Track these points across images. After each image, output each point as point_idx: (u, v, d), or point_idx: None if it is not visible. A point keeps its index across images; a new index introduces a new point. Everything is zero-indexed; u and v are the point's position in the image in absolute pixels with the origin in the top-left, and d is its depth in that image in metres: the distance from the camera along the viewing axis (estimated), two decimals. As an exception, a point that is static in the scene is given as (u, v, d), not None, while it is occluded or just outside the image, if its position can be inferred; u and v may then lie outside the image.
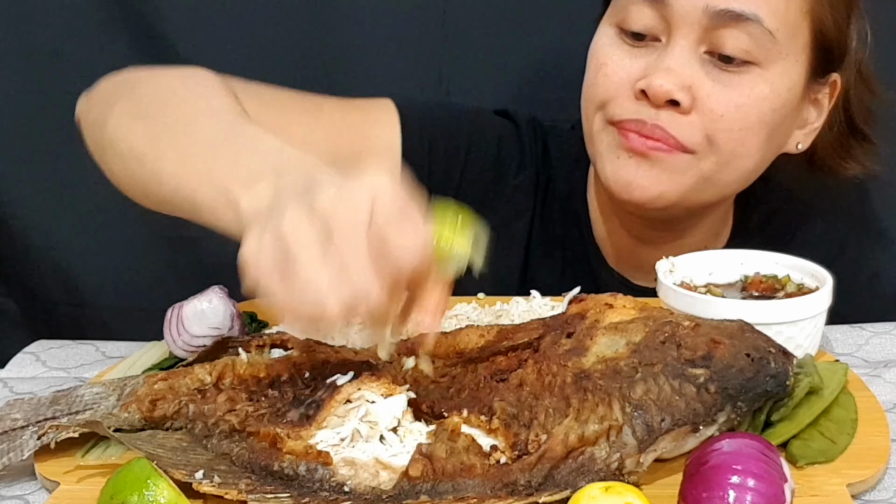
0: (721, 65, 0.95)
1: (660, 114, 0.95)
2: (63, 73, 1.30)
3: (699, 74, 0.95)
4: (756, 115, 0.96)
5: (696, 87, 0.95)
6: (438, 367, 0.80)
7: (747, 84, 0.95)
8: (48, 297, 1.37)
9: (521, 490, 0.68)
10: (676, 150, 0.96)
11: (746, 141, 0.97)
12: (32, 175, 1.33)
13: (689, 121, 0.96)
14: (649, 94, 0.95)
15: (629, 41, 0.98)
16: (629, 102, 0.97)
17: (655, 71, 0.95)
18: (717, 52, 0.95)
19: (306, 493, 0.69)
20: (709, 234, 1.10)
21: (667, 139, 0.96)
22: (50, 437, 0.76)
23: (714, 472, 0.65)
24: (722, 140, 0.96)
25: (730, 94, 0.95)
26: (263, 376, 0.80)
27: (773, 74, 0.96)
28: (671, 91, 0.94)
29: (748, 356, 0.74)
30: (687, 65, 0.95)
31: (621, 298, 0.83)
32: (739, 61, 0.95)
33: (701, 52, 0.96)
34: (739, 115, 0.96)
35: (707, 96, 0.95)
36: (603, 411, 0.70)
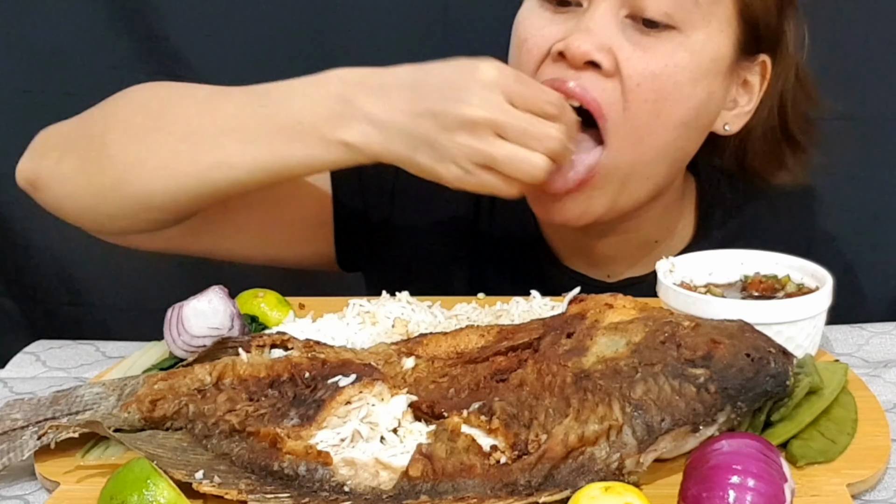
0: (642, 28, 0.93)
1: (581, 75, 0.93)
2: (63, 73, 1.30)
3: (618, 37, 0.93)
4: (673, 85, 0.94)
5: (615, 48, 0.93)
6: (438, 367, 0.80)
7: (667, 50, 0.93)
8: (48, 297, 1.37)
9: (521, 490, 0.68)
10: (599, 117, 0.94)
11: (663, 112, 0.94)
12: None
13: (611, 85, 0.93)
14: (567, 55, 0.93)
15: (551, 8, 0.97)
16: (549, 67, 0.96)
17: (574, 32, 0.93)
18: (639, 15, 0.93)
19: (306, 493, 0.69)
20: (658, 227, 1.08)
21: (590, 102, 0.93)
22: (50, 437, 0.76)
23: (714, 472, 0.65)
24: (638, 110, 0.94)
25: (648, 60, 0.93)
26: (263, 376, 0.80)
27: (695, 42, 0.94)
28: (589, 52, 0.92)
29: (748, 356, 0.74)
30: (606, 27, 0.93)
31: (621, 299, 0.83)
32: (662, 25, 0.93)
33: (622, 15, 0.94)
34: (657, 84, 0.93)
35: (626, 60, 0.93)
36: (603, 411, 0.70)
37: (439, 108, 0.87)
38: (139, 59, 1.29)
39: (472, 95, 0.86)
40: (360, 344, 0.89)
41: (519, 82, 0.89)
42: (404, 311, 0.95)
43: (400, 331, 0.92)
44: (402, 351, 0.83)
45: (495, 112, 0.86)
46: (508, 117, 0.86)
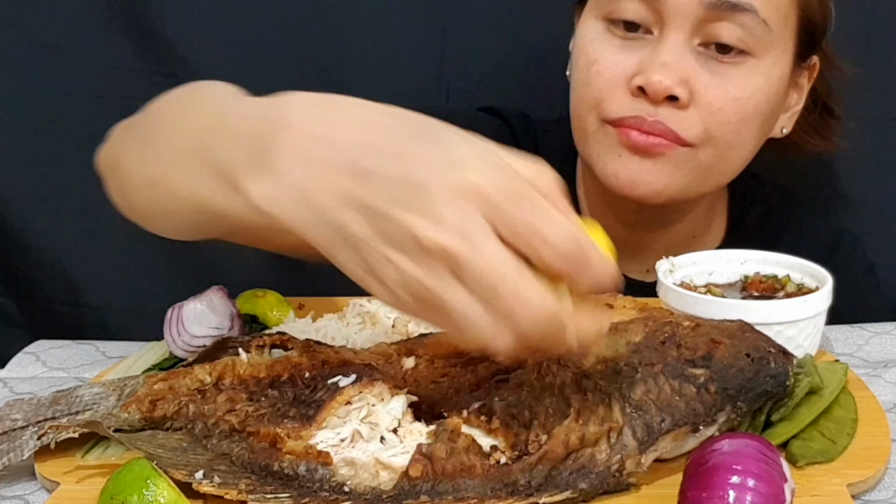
0: (717, 56, 0.95)
1: (658, 110, 0.94)
2: (63, 73, 1.30)
3: (695, 67, 0.94)
4: (752, 107, 0.96)
5: (692, 80, 0.94)
6: (438, 367, 0.80)
7: (743, 76, 0.95)
8: (48, 297, 1.37)
9: (521, 490, 0.68)
10: (676, 144, 0.96)
11: (743, 131, 0.97)
12: (32, 175, 1.33)
13: (687, 115, 0.95)
14: (647, 91, 0.94)
15: (620, 34, 0.97)
16: (626, 100, 0.96)
17: (651, 66, 0.93)
18: (713, 41, 0.94)
19: (306, 494, 0.69)
20: (699, 222, 1.10)
21: (667, 134, 0.95)
22: (50, 437, 0.76)
23: (714, 472, 0.65)
24: (720, 132, 0.96)
25: (727, 87, 0.95)
26: (263, 376, 0.80)
27: (767, 64, 0.96)
28: (670, 87, 0.93)
29: (748, 356, 0.74)
30: (683, 58, 0.94)
31: (621, 299, 0.83)
32: (735, 52, 0.94)
33: (695, 44, 0.95)
34: (737, 108, 0.95)
35: (704, 89, 0.94)
36: (603, 412, 0.70)
37: (382, 210, 0.58)
38: (139, 59, 1.29)
39: (435, 206, 0.57)
40: (360, 344, 0.89)
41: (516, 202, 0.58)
42: (404, 311, 0.95)
43: (400, 331, 0.92)
44: (402, 351, 0.83)
45: (460, 244, 0.57)
46: (478, 259, 0.57)
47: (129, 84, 1.30)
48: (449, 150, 0.60)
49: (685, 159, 0.97)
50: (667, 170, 0.97)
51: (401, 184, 0.58)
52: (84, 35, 1.28)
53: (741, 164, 1.02)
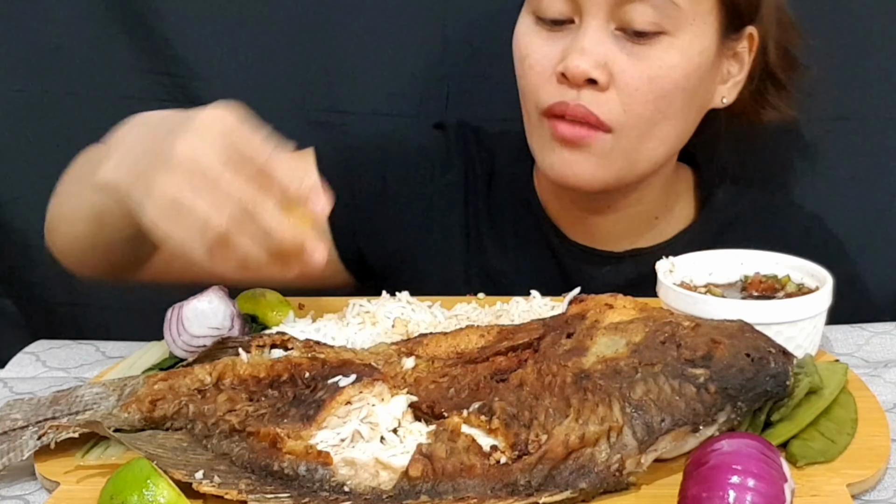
0: (633, 38, 0.99)
1: (580, 94, 0.99)
2: (63, 73, 1.30)
3: (613, 51, 0.99)
4: (670, 83, 1.00)
5: (610, 63, 0.98)
6: (438, 367, 0.80)
7: (658, 55, 0.99)
8: (48, 297, 1.37)
9: (521, 490, 0.68)
10: (599, 129, 1.00)
11: (663, 108, 1.01)
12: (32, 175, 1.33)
13: (607, 98, 0.99)
14: (568, 76, 0.99)
15: (546, 27, 1.02)
16: (552, 87, 1.01)
17: (571, 53, 0.98)
18: (627, 27, 0.98)
19: (306, 493, 0.69)
20: (658, 203, 1.13)
21: (589, 117, 0.99)
22: (50, 437, 0.76)
23: (714, 472, 0.65)
24: (639, 111, 1.00)
25: (643, 67, 0.99)
26: (263, 376, 0.80)
27: (684, 41, 1.00)
28: (587, 70, 0.97)
29: (748, 356, 0.74)
30: (600, 43, 0.98)
31: (621, 299, 0.83)
32: (650, 34, 0.98)
33: (612, 28, 0.99)
34: (653, 86, 0.99)
35: (622, 71, 0.99)
36: (603, 412, 0.70)
37: (158, 144, 0.78)
38: (139, 59, 1.29)
39: (185, 134, 0.77)
40: (360, 344, 0.89)
41: (234, 130, 0.77)
42: (404, 311, 0.95)
43: (400, 331, 0.92)
44: (402, 351, 0.83)
45: (193, 154, 0.75)
46: (200, 162, 0.75)
47: (129, 84, 1.30)
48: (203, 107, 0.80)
49: (609, 147, 1.01)
50: (593, 160, 1.01)
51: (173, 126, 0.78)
52: (84, 35, 1.28)
53: (670, 139, 1.05)
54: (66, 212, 0.98)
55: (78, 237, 0.96)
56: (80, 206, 0.92)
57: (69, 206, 0.97)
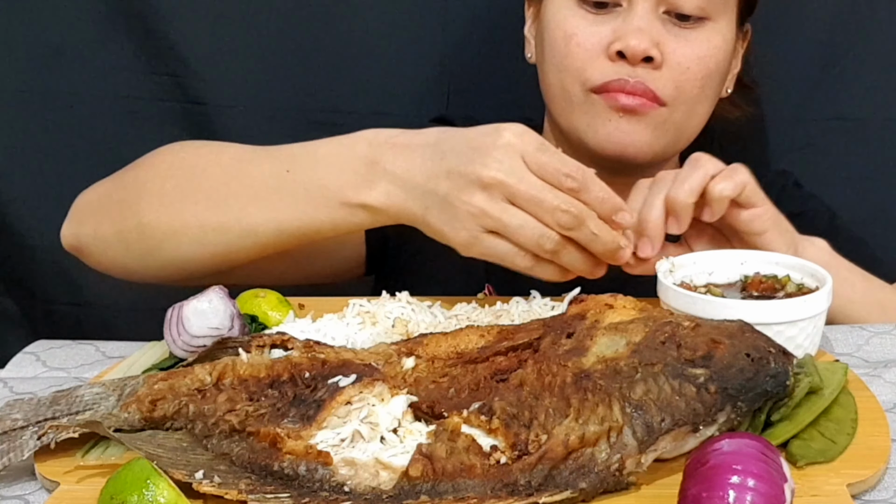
0: (679, 22, 1.05)
1: (636, 70, 1.04)
2: (63, 72, 1.30)
3: (662, 32, 1.05)
4: (714, 64, 1.07)
5: (662, 43, 1.04)
6: (438, 367, 0.80)
7: (704, 37, 1.06)
8: (48, 297, 1.37)
9: (521, 490, 0.68)
10: (655, 103, 1.05)
11: (706, 88, 1.08)
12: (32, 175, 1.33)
13: (661, 75, 1.05)
14: (627, 54, 1.03)
15: (591, 10, 1.06)
16: (606, 66, 1.05)
17: (627, 32, 1.03)
18: (675, 11, 1.05)
19: (306, 493, 0.69)
20: None
21: (647, 93, 1.04)
22: (50, 437, 0.76)
23: (714, 472, 0.65)
24: (688, 89, 1.06)
25: (692, 47, 1.05)
26: (264, 377, 0.80)
27: (722, 26, 1.08)
28: (647, 49, 1.03)
29: (748, 356, 0.74)
30: (652, 24, 1.04)
31: (621, 299, 0.83)
32: (695, 18, 1.05)
33: (660, 11, 1.05)
34: (702, 66, 1.06)
35: (673, 51, 1.05)
36: (603, 412, 0.70)
37: (455, 168, 0.88)
38: (139, 59, 1.29)
39: (489, 157, 0.86)
40: (360, 344, 0.89)
41: (541, 150, 0.88)
42: (404, 311, 0.95)
43: (400, 331, 0.92)
44: (402, 351, 0.83)
45: (509, 176, 0.86)
46: (522, 183, 0.86)
47: (129, 84, 1.30)
48: (488, 126, 0.90)
49: (663, 119, 1.07)
50: (649, 130, 1.06)
51: (465, 150, 0.88)
52: (84, 35, 1.28)
53: (704, 119, 1.12)
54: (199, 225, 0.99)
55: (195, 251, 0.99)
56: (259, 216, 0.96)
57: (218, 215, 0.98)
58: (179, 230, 1.00)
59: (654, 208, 0.92)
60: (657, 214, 0.92)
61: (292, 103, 1.30)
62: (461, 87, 1.30)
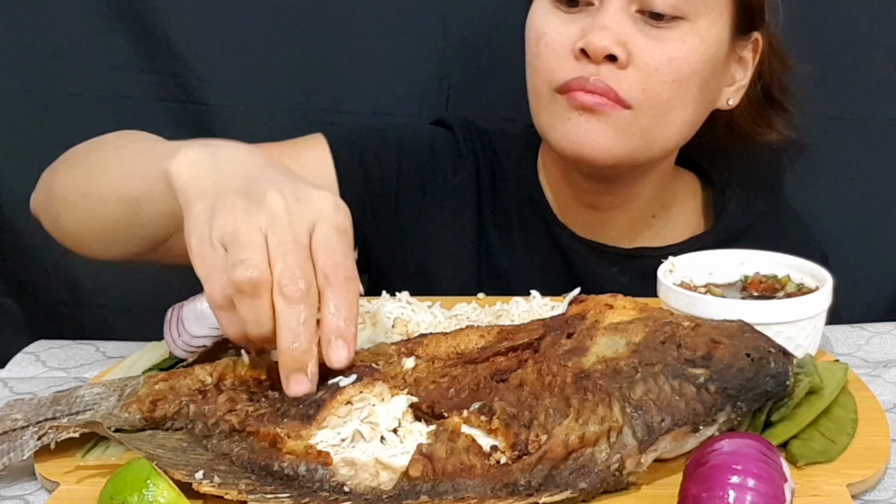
0: (652, 21, 1.01)
1: (599, 69, 1.01)
2: (63, 72, 1.30)
3: (632, 31, 1.01)
4: (688, 67, 1.02)
5: (630, 42, 1.00)
6: (438, 367, 0.80)
7: (678, 38, 1.01)
8: (48, 297, 1.37)
9: (521, 490, 0.68)
10: (618, 105, 1.01)
11: (680, 91, 1.03)
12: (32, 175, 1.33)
13: (626, 75, 1.01)
14: (588, 52, 1.00)
15: (564, 9, 1.04)
16: (570, 64, 1.02)
17: (592, 30, 1.00)
18: (647, 9, 1.01)
19: (306, 494, 0.69)
20: (654, 199, 1.15)
21: (608, 93, 1.00)
22: (50, 437, 0.76)
23: (714, 472, 0.65)
24: (657, 92, 1.02)
25: (662, 48, 1.01)
26: (264, 377, 0.80)
27: (701, 27, 1.02)
28: (608, 46, 0.99)
29: (748, 356, 0.74)
30: (620, 22, 1.00)
31: (621, 299, 0.83)
32: (669, 17, 1.01)
33: (632, 10, 1.01)
34: (672, 68, 1.01)
35: (641, 50, 1.01)
36: (603, 412, 0.70)
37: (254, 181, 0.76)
38: (139, 59, 1.29)
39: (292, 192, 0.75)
40: (360, 344, 0.89)
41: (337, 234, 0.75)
42: (404, 311, 0.95)
43: (400, 331, 0.92)
44: (403, 351, 0.83)
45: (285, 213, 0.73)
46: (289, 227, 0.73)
47: (129, 84, 1.30)
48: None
49: (627, 122, 1.02)
50: (610, 131, 1.02)
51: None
52: (84, 35, 1.28)
53: (684, 127, 1.07)
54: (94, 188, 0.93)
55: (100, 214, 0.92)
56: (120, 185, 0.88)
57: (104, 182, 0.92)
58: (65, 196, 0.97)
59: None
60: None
61: (292, 103, 1.29)
62: (461, 87, 1.30)
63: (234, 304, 0.72)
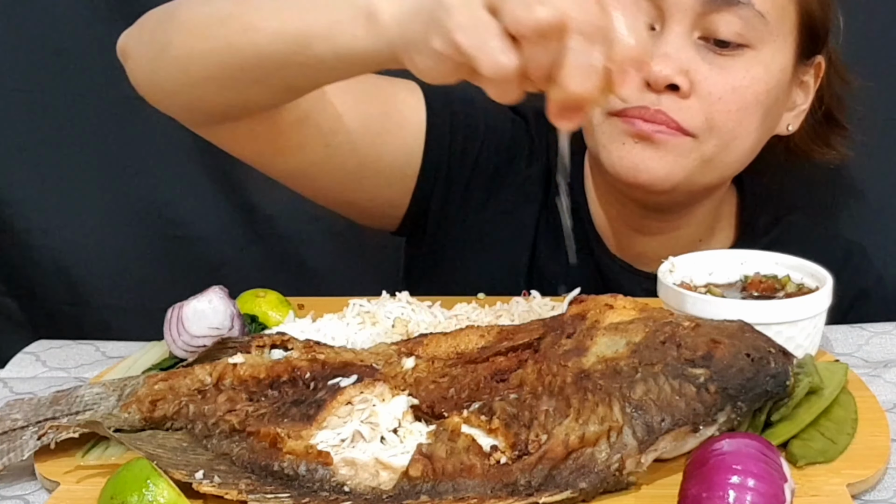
0: (715, 49, 0.98)
1: (661, 99, 0.98)
2: (63, 72, 1.30)
3: (695, 59, 0.98)
4: (752, 96, 0.99)
5: (693, 71, 0.97)
6: (438, 367, 0.80)
7: (742, 66, 0.98)
8: (48, 297, 1.37)
9: (521, 490, 0.68)
10: (679, 133, 0.98)
11: (744, 121, 1.00)
12: (32, 175, 1.33)
13: (688, 104, 0.98)
14: (649, 81, 0.97)
15: None
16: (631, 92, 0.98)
17: (653, 58, 0.96)
18: (711, 37, 0.98)
19: (306, 493, 0.69)
20: (704, 226, 1.12)
21: (669, 123, 0.98)
22: (50, 437, 0.76)
23: (714, 472, 0.65)
24: (721, 122, 0.99)
25: (726, 77, 0.98)
26: (264, 377, 0.80)
27: (766, 56, 0.99)
28: (670, 76, 0.96)
29: (748, 356, 0.74)
30: (683, 50, 0.97)
31: (621, 299, 0.83)
32: (733, 45, 0.98)
33: (695, 37, 0.98)
34: (736, 97, 0.98)
35: (704, 79, 0.98)
36: (603, 412, 0.70)
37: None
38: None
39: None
40: (360, 344, 0.89)
41: None
42: (404, 311, 0.95)
43: (400, 331, 0.92)
44: (403, 351, 0.83)
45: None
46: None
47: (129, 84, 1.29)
48: None
49: (688, 149, 0.99)
50: (669, 157, 0.99)
51: None
52: (85, 35, 1.28)
53: (745, 155, 1.04)
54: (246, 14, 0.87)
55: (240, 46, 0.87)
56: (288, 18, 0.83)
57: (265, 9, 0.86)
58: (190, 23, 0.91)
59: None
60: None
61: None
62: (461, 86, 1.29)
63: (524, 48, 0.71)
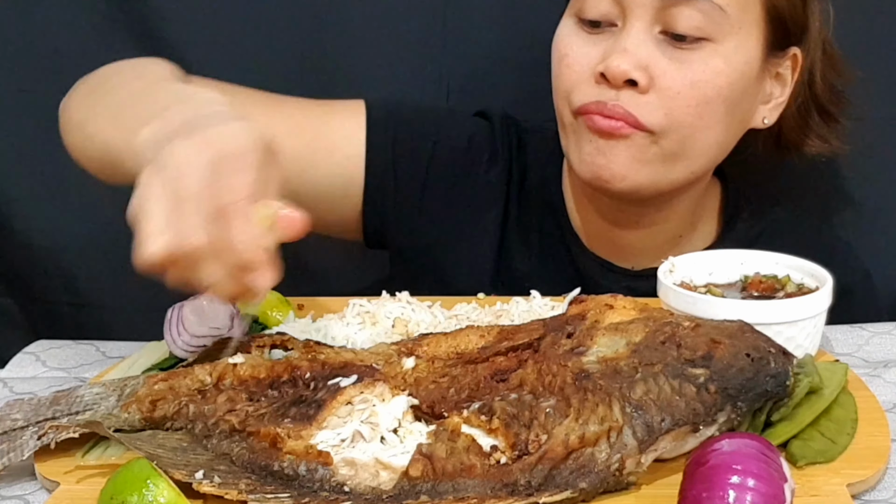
0: (675, 43, 0.98)
1: (619, 94, 0.97)
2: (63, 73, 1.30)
3: (655, 54, 0.97)
4: (713, 90, 0.98)
5: (652, 66, 0.97)
6: (438, 367, 0.80)
7: (701, 60, 0.98)
8: (48, 297, 1.37)
9: (521, 490, 0.68)
10: (637, 129, 0.98)
11: (705, 116, 0.99)
12: (32, 175, 1.33)
13: (647, 100, 0.97)
14: (607, 76, 0.97)
15: (587, 29, 1.01)
16: (590, 87, 0.99)
17: (612, 53, 0.97)
18: (671, 31, 0.97)
19: (306, 493, 0.69)
20: (684, 222, 1.11)
21: (627, 118, 0.97)
22: (50, 437, 0.76)
23: (714, 472, 0.65)
24: (680, 117, 0.98)
25: (685, 72, 0.97)
26: (264, 377, 0.80)
27: (727, 49, 0.98)
28: (628, 70, 0.96)
29: (748, 356, 0.74)
30: (642, 45, 0.97)
31: (621, 299, 0.83)
32: (693, 38, 0.97)
33: (655, 32, 0.98)
34: (695, 92, 0.98)
35: (663, 74, 0.97)
36: (603, 411, 0.70)
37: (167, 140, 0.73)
38: (139, 59, 1.29)
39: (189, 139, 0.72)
40: (360, 344, 0.89)
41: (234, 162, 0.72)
42: (404, 311, 0.95)
43: (400, 331, 0.92)
44: (403, 351, 0.83)
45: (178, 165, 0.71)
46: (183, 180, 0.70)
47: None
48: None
49: (647, 145, 0.99)
50: (629, 154, 0.99)
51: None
52: (84, 35, 1.28)
53: (712, 150, 1.03)
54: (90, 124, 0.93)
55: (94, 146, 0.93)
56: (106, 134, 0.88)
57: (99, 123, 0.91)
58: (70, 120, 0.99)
59: None
60: None
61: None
62: (461, 86, 1.29)
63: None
